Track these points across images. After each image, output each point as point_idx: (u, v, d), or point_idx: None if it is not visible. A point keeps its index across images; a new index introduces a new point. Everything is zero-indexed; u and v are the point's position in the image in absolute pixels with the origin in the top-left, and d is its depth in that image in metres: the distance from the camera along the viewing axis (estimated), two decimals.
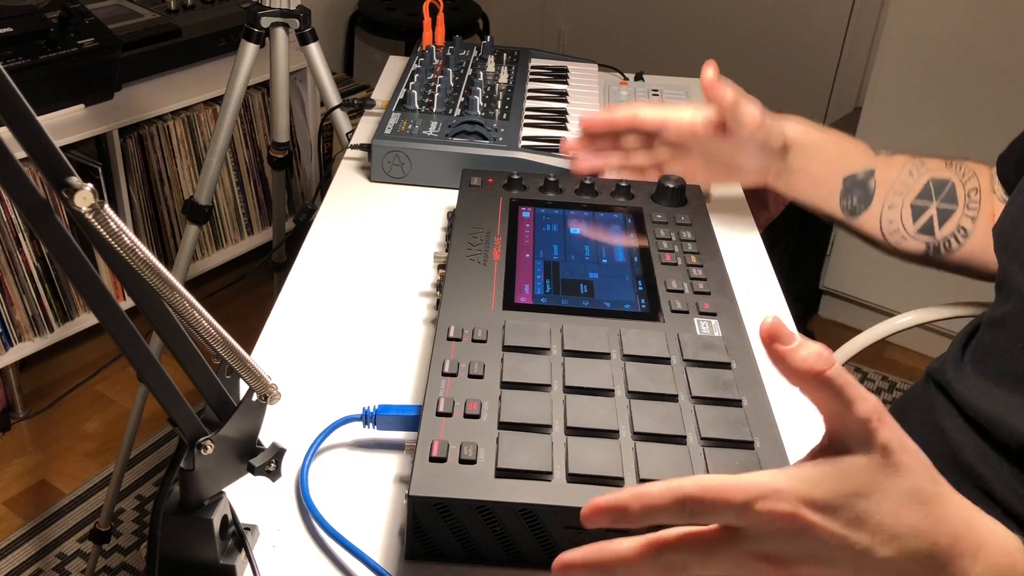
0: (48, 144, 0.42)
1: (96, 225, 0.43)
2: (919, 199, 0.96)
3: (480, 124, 1.09)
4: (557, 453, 0.60)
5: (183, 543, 0.57)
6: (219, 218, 2.40)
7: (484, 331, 0.70)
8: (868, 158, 0.98)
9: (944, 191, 0.95)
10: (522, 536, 0.58)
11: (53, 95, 1.94)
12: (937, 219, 0.95)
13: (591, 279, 0.79)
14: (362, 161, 1.11)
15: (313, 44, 1.50)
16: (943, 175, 0.96)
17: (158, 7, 2.24)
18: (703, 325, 0.74)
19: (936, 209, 0.95)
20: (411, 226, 1.00)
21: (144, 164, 2.18)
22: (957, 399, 0.82)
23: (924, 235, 0.96)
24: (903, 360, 2.47)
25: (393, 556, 0.61)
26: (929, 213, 0.95)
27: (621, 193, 0.94)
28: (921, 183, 0.96)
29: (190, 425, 0.53)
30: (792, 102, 2.83)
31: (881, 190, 0.97)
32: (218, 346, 0.51)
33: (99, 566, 1.80)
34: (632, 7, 3.20)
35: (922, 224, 0.95)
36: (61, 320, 2.10)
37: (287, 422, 0.70)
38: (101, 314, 0.47)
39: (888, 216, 0.97)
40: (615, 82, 1.36)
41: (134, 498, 1.97)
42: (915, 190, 0.96)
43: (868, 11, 2.79)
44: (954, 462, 0.79)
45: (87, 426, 2.15)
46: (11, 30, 1.80)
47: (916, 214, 0.95)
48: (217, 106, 2.27)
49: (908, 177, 0.96)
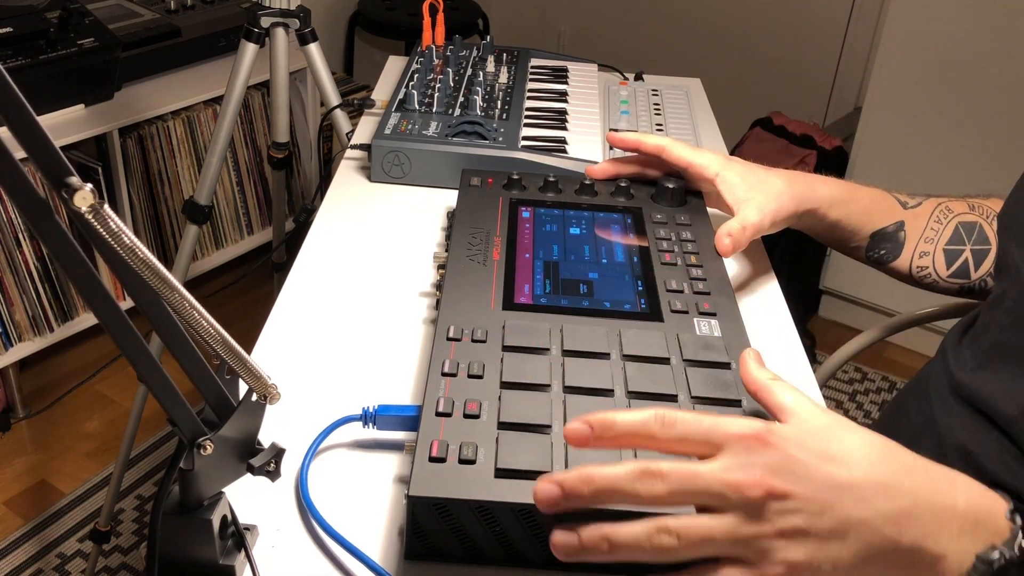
0: (48, 144, 0.42)
1: (96, 225, 0.43)
2: (950, 244, 0.97)
3: (480, 124, 1.09)
4: (557, 453, 0.60)
5: (183, 543, 0.57)
6: (219, 218, 2.40)
7: (484, 331, 0.70)
8: (897, 211, 0.99)
9: (975, 234, 0.96)
10: (521, 536, 0.58)
11: (53, 95, 1.94)
12: (972, 261, 0.96)
13: (591, 279, 0.79)
14: (362, 161, 1.11)
15: (313, 44, 1.51)
16: (970, 218, 0.97)
17: (158, 7, 2.24)
18: (703, 325, 0.74)
19: (970, 251, 0.96)
20: (411, 226, 1.00)
21: (144, 164, 2.19)
22: (952, 381, 0.82)
23: (958, 279, 0.97)
24: (903, 360, 2.47)
25: (393, 556, 0.61)
26: (964, 256, 0.96)
27: (621, 193, 0.94)
28: (950, 229, 0.97)
29: (190, 425, 0.53)
30: (792, 102, 2.83)
31: (911, 240, 0.98)
32: (218, 346, 0.51)
33: (99, 566, 1.80)
34: (632, 7, 3.20)
35: (957, 268, 0.96)
36: (61, 320, 2.10)
37: (287, 422, 0.70)
38: (101, 314, 0.47)
39: (919, 263, 0.98)
40: (615, 82, 1.36)
41: (134, 498, 1.97)
42: (945, 236, 0.97)
43: (868, 11, 2.80)
44: (940, 449, 0.80)
45: (87, 426, 2.15)
46: (11, 30, 1.80)
47: (950, 259, 0.96)
48: (217, 106, 2.27)
49: (936, 224, 0.97)
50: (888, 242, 0.98)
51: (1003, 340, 0.78)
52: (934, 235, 0.97)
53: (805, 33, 2.91)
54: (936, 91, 2.24)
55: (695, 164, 0.94)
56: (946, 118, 2.25)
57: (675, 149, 0.94)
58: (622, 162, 0.99)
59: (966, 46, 2.16)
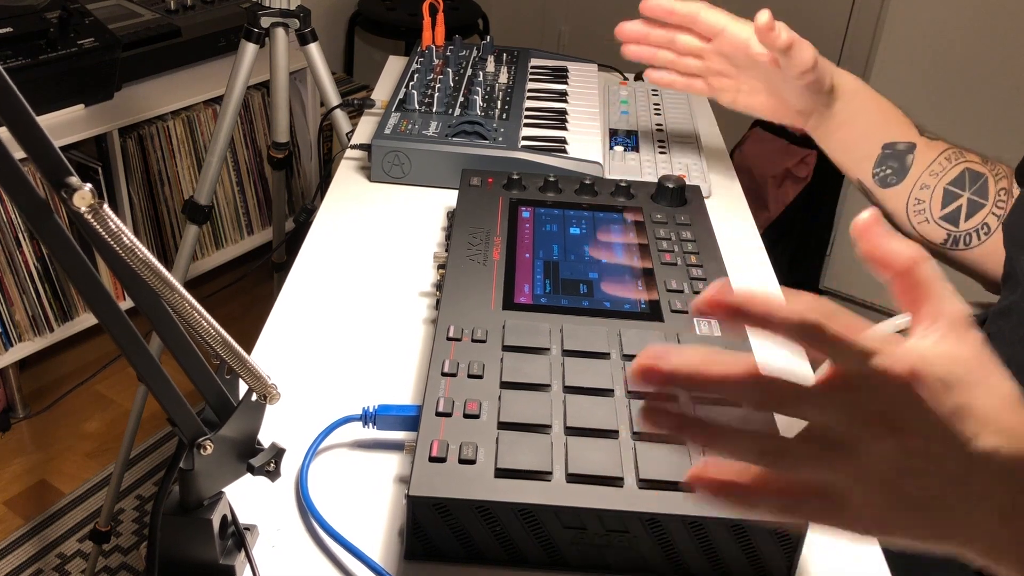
0: (48, 144, 0.42)
1: (95, 225, 0.43)
2: (952, 185, 0.94)
3: (480, 124, 1.09)
4: (557, 453, 0.60)
5: (183, 543, 0.57)
6: (219, 218, 2.40)
7: (484, 331, 0.70)
8: (912, 132, 0.97)
9: (978, 184, 0.94)
10: (522, 536, 0.58)
11: (53, 95, 1.94)
12: (965, 210, 0.94)
13: (591, 279, 0.79)
14: (362, 161, 1.11)
15: (313, 44, 1.50)
16: (979, 168, 0.95)
17: (158, 7, 2.24)
18: (703, 325, 0.74)
19: (967, 199, 0.93)
20: (411, 226, 1.00)
21: (144, 164, 2.18)
22: None
23: (947, 223, 0.95)
24: None
25: (393, 556, 0.61)
26: (959, 202, 0.94)
27: (621, 193, 0.94)
28: (957, 171, 0.95)
29: (190, 425, 0.53)
30: None
31: (917, 168, 0.95)
32: (218, 346, 0.51)
33: (99, 566, 1.80)
34: (632, 7, 3.18)
35: (949, 211, 0.94)
36: (61, 320, 2.10)
37: (287, 422, 0.70)
38: (101, 314, 0.47)
39: (917, 195, 0.95)
40: (615, 82, 1.36)
41: (134, 498, 1.97)
42: (950, 176, 0.95)
43: (868, 11, 2.79)
44: None
45: (87, 426, 2.15)
46: (11, 30, 1.80)
47: (946, 200, 0.94)
48: (217, 106, 2.27)
49: (945, 162, 0.95)
50: (896, 161, 0.95)
51: (1013, 355, 0.77)
52: (940, 170, 0.95)
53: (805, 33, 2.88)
54: (936, 91, 2.24)
55: (730, 28, 0.93)
56: (946, 118, 2.25)
57: (709, 13, 0.94)
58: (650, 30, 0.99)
59: (966, 46, 2.16)
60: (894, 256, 0.47)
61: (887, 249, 0.47)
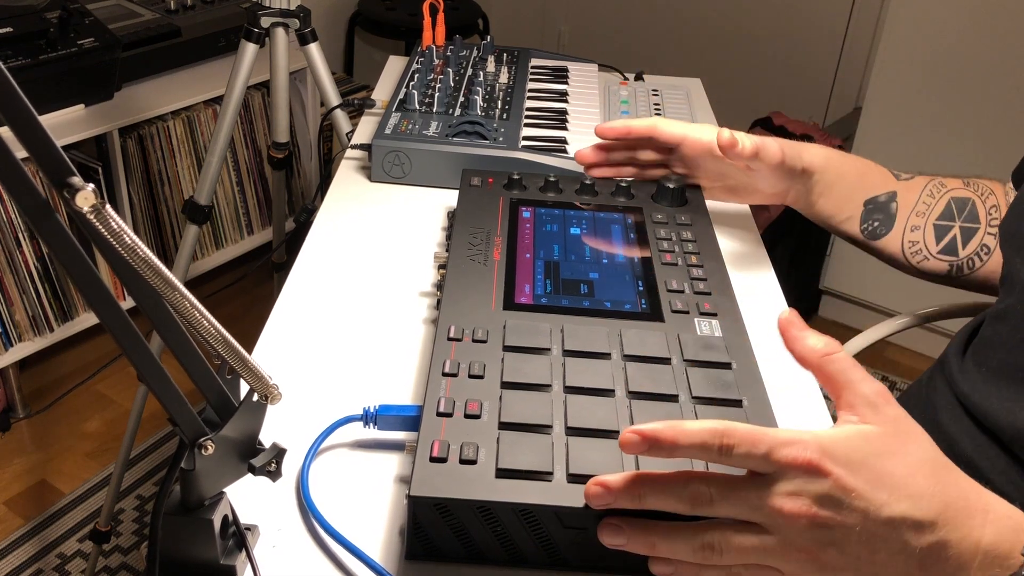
0: (50, 144, 0.42)
1: (97, 225, 0.43)
2: (941, 220, 0.96)
3: (480, 124, 1.09)
4: (557, 453, 0.60)
5: (183, 543, 0.57)
6: (219, 218, 2.40)
7: (484, 331, 0.70)
8: (889, 181, 0.99)
9: (966, 210, 0.95)
10: (522, 536, 0.58)
11: (53, 95, 1.94)
12: (960, 238, 0.95)
13: (591, 279, 0.79)
14: (362, 161, 1.11)
15: (313, 44, 1.51)
16: (963, 194, 0.96)
17: (158, 7, 2.24)
18: (703, 325, 0.74)
19: (959, 228, 0.95)
20: (411, 226, 1.00)
21: (144, 164, 2.18)
22: (957, 392, 0.82)
23: (947, 255, 0.96)
24: (903, 360, 2.47)
25: (393, 556, 0.61)
26: (952, 233, 0.95)
27: (621, 193, 0.94)
28: (943, 203, 0.96)
29: (191, 425, 0.53)
30: (792, 102, 2.83)
31: (903, 213, 0.97)
32: (219, 346, 0.51)
33: (99, 566, 1.80)
34: (632, 7, 3.20)
35: (945, 244, 0.96)
36: (61, 320, 2.10)
37: (287, 422, 0.70)
38: (101, 314, 0.47)
39: (910, 238, 0.97)
40: (615, 82, 1.37)
41: (134, 498, 1.97)
42: (937, 211, 0.96)
43: (868, 11, 2.79)
44: (951, 454, 0.80)
45: (87, 426, 2.15)
46: (11, 30, 1.80)
47: (939, 234, 0.96)
48: (217, 106, 2.27)
49: (929, 198, 0.97)
50: (880, 212, 0.97)
51: (1010, 359, 0.77)
52: (926, 208, 0.96)
53: (805, 33, 2.91)
54: (936, 91, 2.24)
55: (690, 135, 0.94)
56: (946, 118, 2.25)
57: (666, 125, 0.95)
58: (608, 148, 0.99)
59: (966, 46, 2.16)
60: (808, 353, 0.56)
61: (802, 347, 0.56)
